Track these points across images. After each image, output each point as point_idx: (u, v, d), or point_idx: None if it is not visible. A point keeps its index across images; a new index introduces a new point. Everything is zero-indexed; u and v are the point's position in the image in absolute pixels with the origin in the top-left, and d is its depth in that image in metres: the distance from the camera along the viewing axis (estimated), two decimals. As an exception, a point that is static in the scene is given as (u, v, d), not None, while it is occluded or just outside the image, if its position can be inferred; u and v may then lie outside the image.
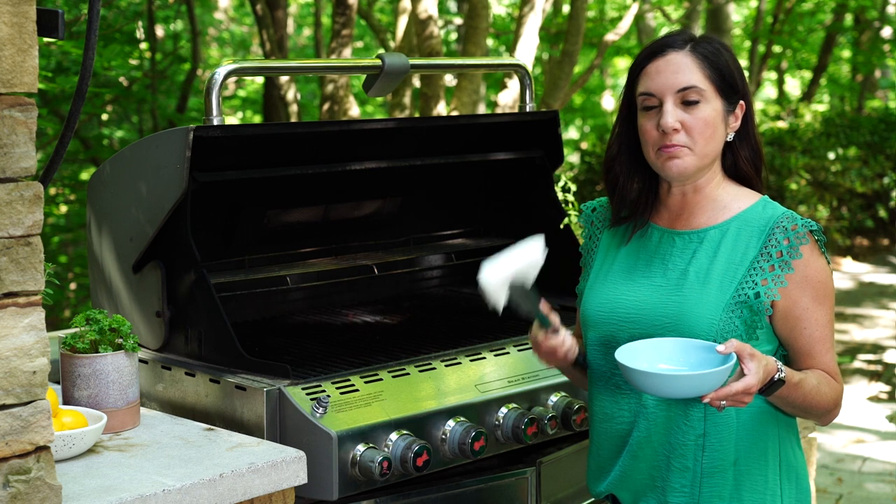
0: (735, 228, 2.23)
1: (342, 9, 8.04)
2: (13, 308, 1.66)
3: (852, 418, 6.55)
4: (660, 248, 2.28)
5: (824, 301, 2.21)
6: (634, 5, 9.29)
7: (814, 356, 2.21)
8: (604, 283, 2.32)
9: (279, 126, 3.50)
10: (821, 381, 2.19)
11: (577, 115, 18.25)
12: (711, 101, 2.19)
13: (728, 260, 2.20)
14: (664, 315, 2.20)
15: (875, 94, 18.32)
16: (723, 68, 2.21)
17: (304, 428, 2.30)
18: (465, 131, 3.26)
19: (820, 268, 2.20)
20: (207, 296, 2.56)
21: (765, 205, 2.25)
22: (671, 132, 2.18)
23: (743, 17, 17.83)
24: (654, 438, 2.23)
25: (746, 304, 2.17)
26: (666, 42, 2.23)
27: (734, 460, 2.21)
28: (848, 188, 12.05)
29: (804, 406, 2.18)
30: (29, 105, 1.66)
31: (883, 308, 9.79)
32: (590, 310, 2.31)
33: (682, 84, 2.18)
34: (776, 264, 2.17)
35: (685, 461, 2.22)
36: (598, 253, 2.39)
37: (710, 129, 2.19)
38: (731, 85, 2.22)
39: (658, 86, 2.20)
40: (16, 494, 1.68)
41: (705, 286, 2.19)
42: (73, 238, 10.41)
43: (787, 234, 2.18)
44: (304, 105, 13.90)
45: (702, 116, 2.18)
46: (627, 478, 2.29)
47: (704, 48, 2.21)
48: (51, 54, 8.64)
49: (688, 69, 2.19)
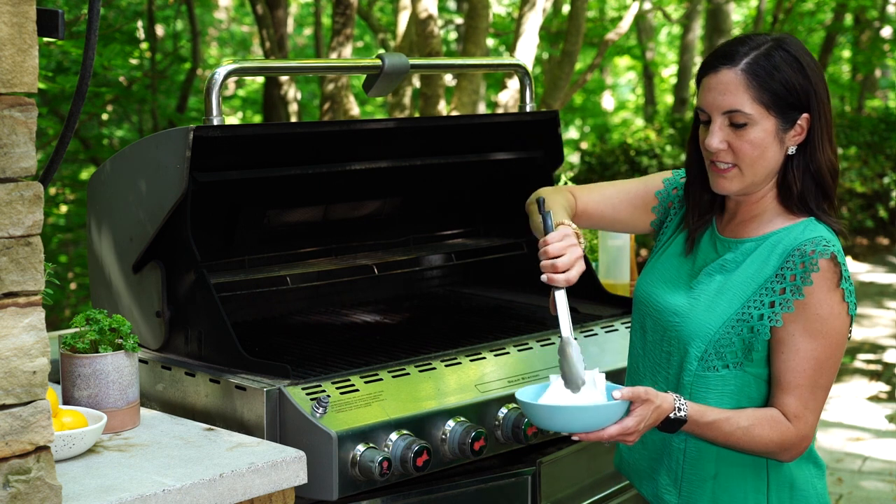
0: (770, 244, 2.16)
1: (342, 8, 8.03)
2: (13, 308, 1.66)
3: (852, 418, 6.56)
4: (702, 248, 2.28)
5: (816, 336, 2.08)
6: (634, 5, 9.29)
7: (782, 387, 2.10)
8: (654, 268, 2.34)
9: (279, 126, 3.50)
10: (755, 423, 2.08)
11: (577, 115, 18.26)
12: (761, 122, 2.10)
13: (747, 275, 2.16)
14: (676, 314, 2.21)
15: (875, 94, 18.33)
16: (777, 88, 2.10)
17: (304, 428, 2.30)
18: (465, 131, 3.26)
19: (823, 301, 2.08)
20: (207, 296, 2.56)
21: (807, 225, 2.16)
22: (716, 152, 2.14)
23: (743, 16, 17.83)
24: (656, 431, 2.24)
25: (748, 324, 2.13)
26: (724, 53, 2.14)
27: (714, 474, 2.20)
28: (848, 188, 12.06)
29: (729, 446, 2.11)
30: (29, 105, 1.65)
31: (882, 308, 9.79)
32: (638, 289, 2.34)
33: (728, 107, 2.11)
34: (788, 287, 2.10)
35: (671, 462, 2.25)
36: (668, 229, 2.39)
37: (758, 150, 2.12)
38: (789, 103, 2.11)
39: (707, 103, 2.14)
40: (16, 494, 1.68)
41: (718, 297, 2.17)
42: (73, 238, 10.41)
43: (804, 259, 2.09)
44: (304, 105, 13.91)
45: (749, 139, 2.11)
46: (634, 461, 2.34)
47: (762, 65, 2.10)
48: (51, 54, 8.64)
49: (735, 91, 2.10)
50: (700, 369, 2.16)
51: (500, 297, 3.33)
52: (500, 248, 3.36)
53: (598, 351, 2.86)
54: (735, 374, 2.15)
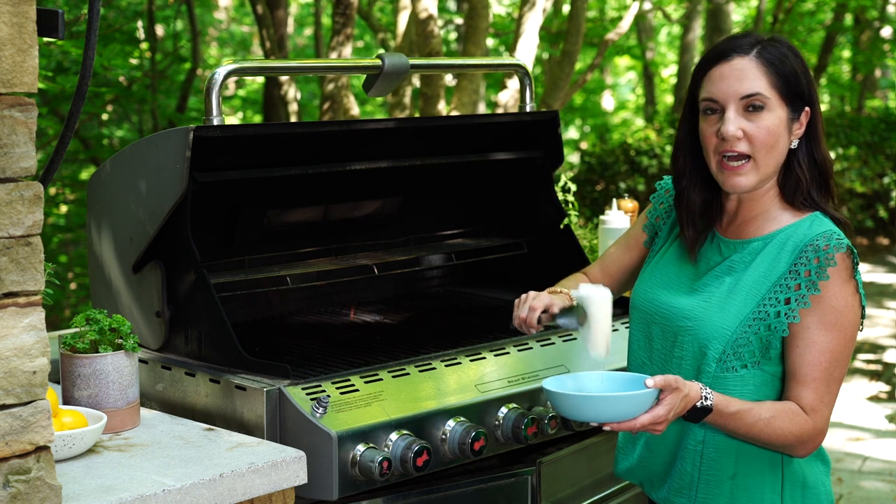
0: (778, 242, 2.16)
1: (342, 8, 8.03)
2: (13, 308, 1.66)
3: (852, 418, 6.56)
4: (704, 251, 2.27)
5: (831, 329, 2.10)
6: (634, 5, 9.29)
7: (798, 380, 2.11)
8: (652, 273, 2.33)
9: (279, 126, 3.50)
10: (776, 415, 2.09)
11: (577, 115, 18.26)
12: (776, 109, 2.13)
13: (758, 273, 2.16)
14: (687, 318, 2.20)
15: (875, 94, 18.31)
16: (788, 74, 2.13)
17: (304, 428, 2.30)
18: (465, 131, 3.26)
19: (838, 293, 2.10)
20: (207, 296, 2.56)
21: (813, 220, 2.17)
22: (732, 140, 2.13)
23: (743, 16, 17.83)
24: (667, 435, 2.25)
25: (765, 322, 2.13)
26: (731, 45, 2.16)
27: (732, 474, 2.19)
28: (848, 188, 12.06)
29: (750, 438, 2.12)
30: (29, 105, 1.65)
31: (882, 308, 9.79)
32: (636, 296, 2.34)
33: (746, 91, 2.12)
34: (803, 283, 2.10)
35: (685, 465, 2.23)
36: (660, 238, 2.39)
37: (773, 137, 2.13)
38: (797, 92, 2.15)
39: (721, 91, 2.14)
40: (16, 494, 1.68)
41: (731, 297, 2.16)
42: (73, 238, 10.42)
43: (819, 254, 2.10)
44: (304, 105, 13.91)
45: (765, 125, 2.12)
46: (645, 467, 2.33)
47: (771, 53, 2.14)
48: (51, 54, 8.64)
49: (753, 76, 2.12)
50: (718, 371, 2.15)
51: (500, 297, 3.33)
52: (500, 248, 3.36)
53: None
54: (753, 373, 2.15)
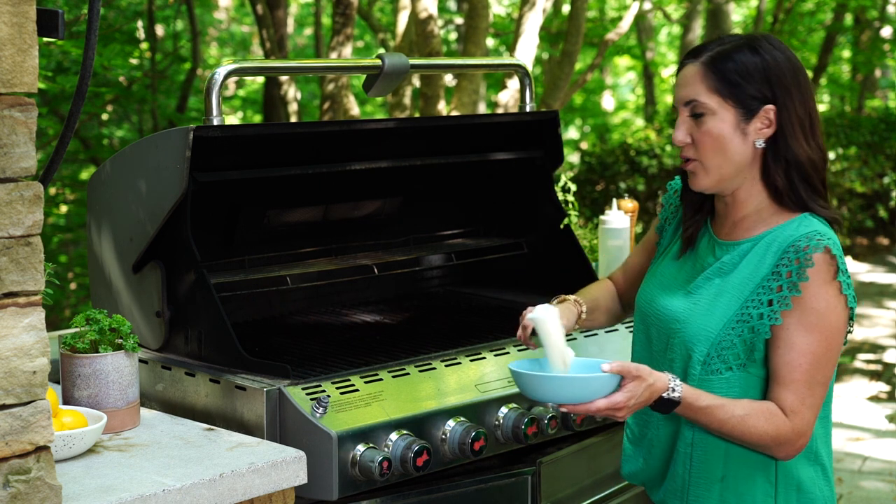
0: (765, 243, 2.16)
1: (342, 8, 8.03)
2: (13, 308, 1.66)
3: (852, 418, 6.56)
4: (700, 252, 2.28)
5: (812, 330, 2.07)
6: (634, 5, 9.29)
7: (778, 381, 2.09)
8: (653, 274, 2.35)
9: (279, 126, 3.50)
10: (750, 413, 2.07)
11: (577, 115, 18.26)
12: (719, 112, 2.13)
13: (743, 276, 2.15)
14: (678, 320, 2.21)
15: (875, 94, 18.32)
16: (732, 78, 2.12)
17: (304, 428, 2.30)
18: (466, 131, 3.26)
19: (819, 295, 2.07)
20: (207, 296, 2.56)
21: (801, 221, 2.15)
22: (680, 146, 2.18)
23: (743, 16, 17.83)
24: (663, 438, 2.26)
25: (748, 324, 2.12)
26: (693, 51, 2.21)
27: (721, 476, 2.19)
28: (848, 188, 12.05)
29: (725, 434, 2.10)
30: (29, 105, 1.66)
31: (882, 308, 9.79)
32: (638, 297, 2.35)
33: (686, 98, 2.17)
34: (784, 284, 2.09)
35: (676, 467, 2.24)
36: (665, 238, 2.41)
37: (717, 142, 2.14)
38: (749, 94, 2.12)
39: (675, 98, 2.21)
40: (16, 494, 1.68)
41: (717, 299, 2.16)
42: (74, 238, 10.41)
43: (799, 255, 2.08)
44: (304, 105, 13.91)
45: (706, 129, 2.14)
46: (646, 469, 2.33)
47: (721, 58, 2.13)
48: (51, 54, 8.64)
49: (693, 82, 2.16)
50: (703, 373, 2.15)
51: (500, 297, 3.33)
52: (500, 248, 3.36)
53: (597, 351, 2.86)
54: (739, 375, 2.15)
